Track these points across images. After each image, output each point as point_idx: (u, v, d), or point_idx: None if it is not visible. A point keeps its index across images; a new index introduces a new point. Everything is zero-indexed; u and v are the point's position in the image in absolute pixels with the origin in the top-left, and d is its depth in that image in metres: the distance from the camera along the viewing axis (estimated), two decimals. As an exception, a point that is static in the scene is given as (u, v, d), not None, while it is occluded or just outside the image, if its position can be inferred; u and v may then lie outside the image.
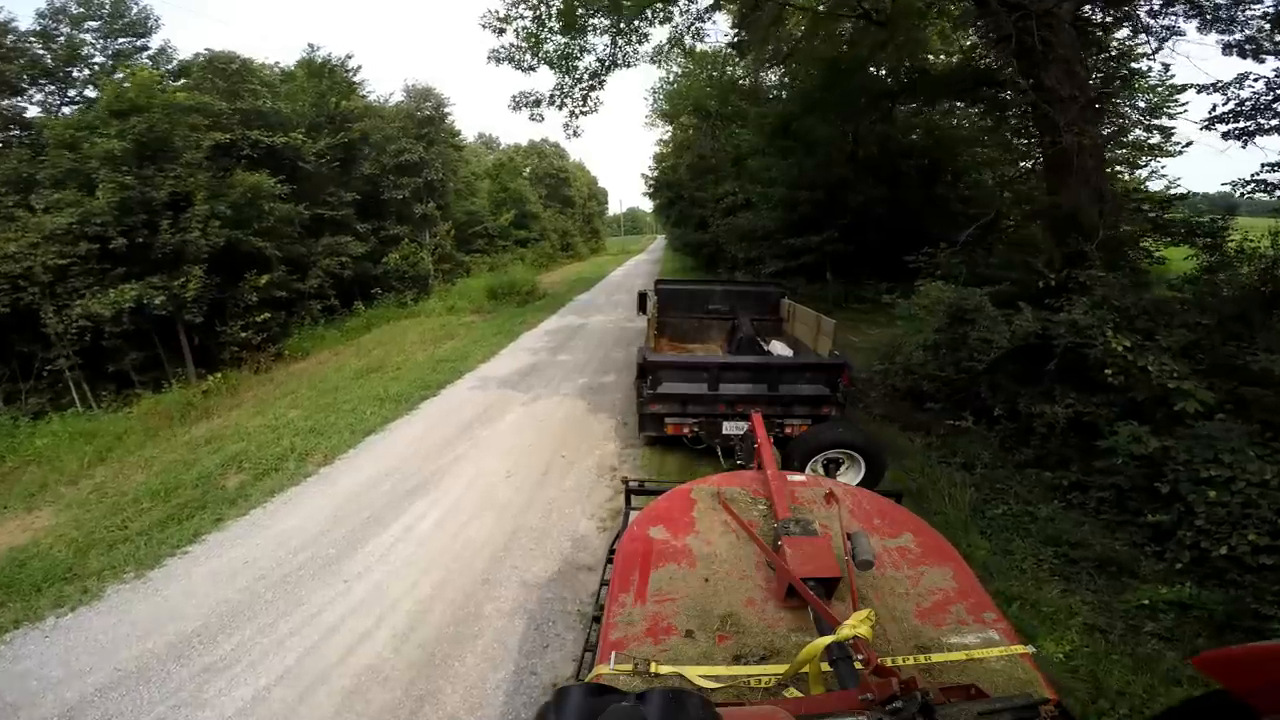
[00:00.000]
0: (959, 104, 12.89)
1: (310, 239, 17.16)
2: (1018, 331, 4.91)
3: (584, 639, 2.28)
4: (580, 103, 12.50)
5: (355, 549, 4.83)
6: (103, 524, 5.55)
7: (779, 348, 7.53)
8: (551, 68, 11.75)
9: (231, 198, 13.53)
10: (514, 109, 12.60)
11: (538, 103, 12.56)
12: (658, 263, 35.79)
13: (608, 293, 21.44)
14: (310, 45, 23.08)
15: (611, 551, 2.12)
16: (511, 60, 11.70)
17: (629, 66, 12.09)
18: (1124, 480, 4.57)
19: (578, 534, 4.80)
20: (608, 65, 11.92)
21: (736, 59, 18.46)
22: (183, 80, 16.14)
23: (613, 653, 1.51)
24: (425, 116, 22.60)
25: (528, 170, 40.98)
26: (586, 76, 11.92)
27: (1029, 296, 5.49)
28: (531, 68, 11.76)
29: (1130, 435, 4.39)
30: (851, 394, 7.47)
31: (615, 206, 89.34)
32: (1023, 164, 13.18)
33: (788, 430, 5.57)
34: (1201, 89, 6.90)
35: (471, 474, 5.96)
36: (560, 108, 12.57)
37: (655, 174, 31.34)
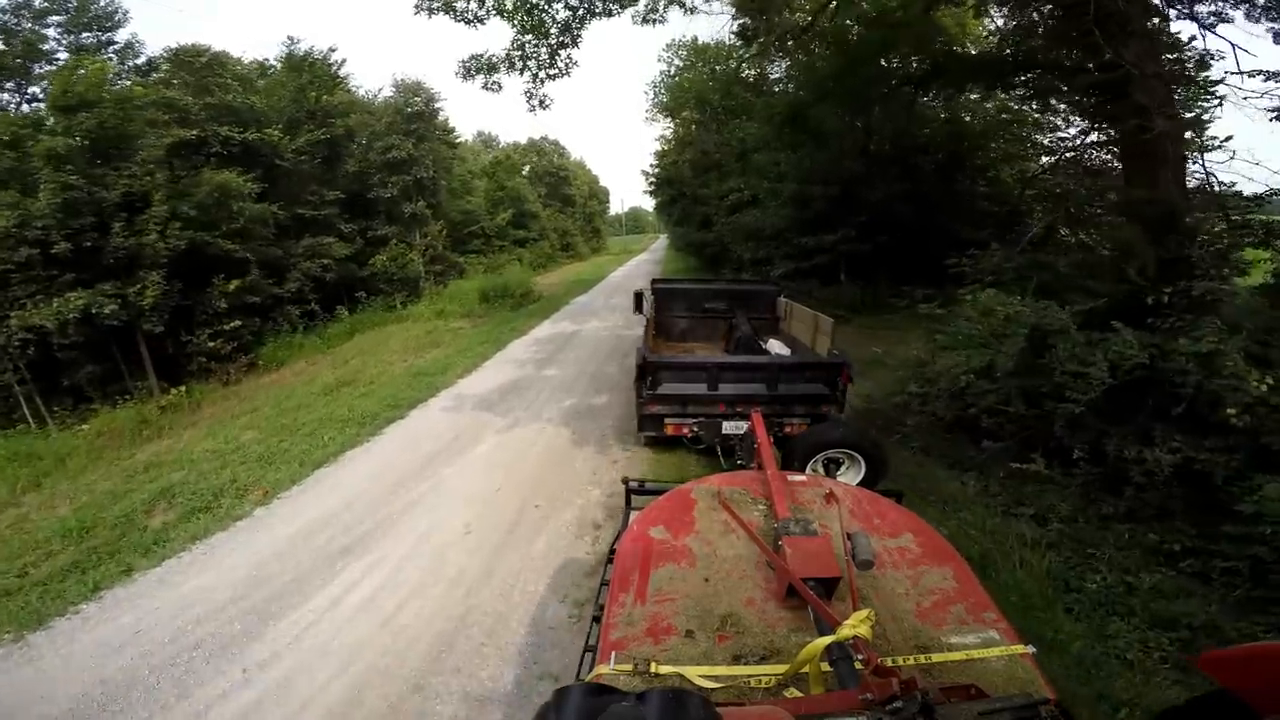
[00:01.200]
0: (990, 90, 11.61)
1: (289, 240, 16.17)
2: (1121, 365, 3.76)
3: None
4: (547, 63, 9.87)
5: (266, 626, 3.91)
6: (2, 569, 4.86)
7: (776, 347, 7.31)
8: (505, 19, 9.15)
9: (197, 197, 12.56)
10: (463, 77, 10.11)
11: (493, 67, 9.89)
12: (659, 263, 34.66)
13: (606, 295, 20.37)
14: (290, 38, 22.16)
15: (612, 551, 2.09)
16: (447, 9, 8.99)
17: (609, 15, 9.59)
18: (1267, 551, 3.46)
19: (544, 623, 3.68)
20: (581, 14, 9.35)
21: (740, 51, 17.19)
22: (152, 75, 15.22)
23: (613, 653, 1.49)
24: (415, 112, 21.58)
25: (526, 168, 39.95)
26: (555, 30, 9.53)
27: (1117, 312, 4.34)
28: (478, 18, 9.03)
29: (1281, 496, 3.29)
30: (869, 412, 6.57)
31: (617, 206, 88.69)
32: (1046, 159, 12.02)
33: (787, 430, 5.47)
34: (1270, 76, 6.08)
35: (423, 528, 4.87)
36: (521, 71, 9.95)
37: (656, 171, 30.12)
